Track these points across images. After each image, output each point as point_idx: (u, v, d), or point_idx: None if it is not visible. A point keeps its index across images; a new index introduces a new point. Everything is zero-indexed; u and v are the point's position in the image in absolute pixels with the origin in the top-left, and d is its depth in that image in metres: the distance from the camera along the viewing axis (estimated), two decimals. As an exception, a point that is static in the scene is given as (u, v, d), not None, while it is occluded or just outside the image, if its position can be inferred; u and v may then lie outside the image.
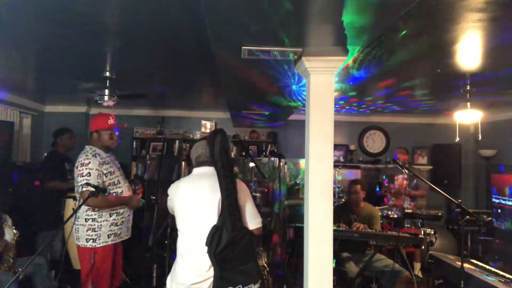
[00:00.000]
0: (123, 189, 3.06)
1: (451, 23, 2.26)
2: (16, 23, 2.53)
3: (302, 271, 2.75)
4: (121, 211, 3.03)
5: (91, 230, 2.91)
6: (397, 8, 1.79)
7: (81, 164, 2.90)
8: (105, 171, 2.95)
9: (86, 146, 3.06)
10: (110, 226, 2.96)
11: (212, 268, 2.15)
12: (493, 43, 2.64)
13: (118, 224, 3.01)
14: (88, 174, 2.85)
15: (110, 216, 2.97)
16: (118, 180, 3.04)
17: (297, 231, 4.49)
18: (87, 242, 2.90)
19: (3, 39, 2.90)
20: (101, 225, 2.92)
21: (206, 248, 2.13)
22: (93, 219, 2.92)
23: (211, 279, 2.15)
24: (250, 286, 2.14)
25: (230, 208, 2.14)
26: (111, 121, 3.09)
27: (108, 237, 2.95)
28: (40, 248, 3.25)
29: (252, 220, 2.27)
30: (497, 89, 4.21)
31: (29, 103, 5.88)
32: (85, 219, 2.91)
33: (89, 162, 2.89)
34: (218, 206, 2.20)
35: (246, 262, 2.17)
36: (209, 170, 2.34)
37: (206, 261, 2.14)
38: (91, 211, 2.91)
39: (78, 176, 2.88)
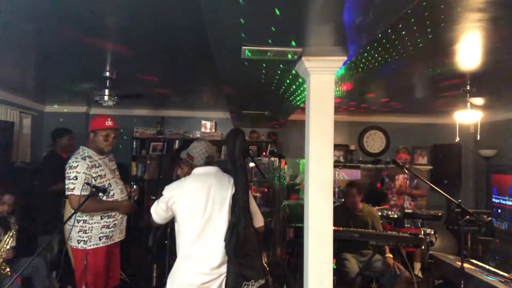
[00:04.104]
0: (114, 191, 3.01)
1: (451, 23, 2.26)
2: (16, 24, 2.53)
3: (302, 271, 2.74)
4: (113, 213, 3.00)
5: (82, 231, 2.89)
6: (397, 8, 1.79)
7: (70, 166, 2.88)
8: (94, 175, 2.90)
9: (80, 147, 3.04)
10: (101, 229, 2.93)
11: (223, 265, 2.20)
12: (493, 43, 2.64)
13: (110, 226, 2.98)
14: (74, 178, 2.82)
15: (102, 218, 2.94)
16: (109, 183, 2.99)
17: (297, 231, 4.49)
18: (78, 243, 2.89)
19: (3, 40, 2.90)
20: (92, 227, 2.90)
21: (216, 245, 2.19)
22: (84, 221, 2.90)
23: (222, 276, 2.20)
24: (259, 281, 2.22)
25: (245, 206, 2.21)
26: (108, 122, 3.04)
27: (100, 239, 2.93)
28: (39, 250, 3.24)
29: (258, 219, 2.39)
30: (497, 89, 4.21)
31: (29, 103, 5.88)
32: (77, 220, 2.88)
33: (77, 165, 2.86)
34: (229, 203, 2.25)
35: (256, 258, 2.25)
36: (213, 169, 2.40)
37: (217, 259, 2.19)
38: (82, 212, 2.89)
39: (66, 178, 2.86)
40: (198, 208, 2.23)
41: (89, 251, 2.87)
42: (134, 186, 3.34)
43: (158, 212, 2.32)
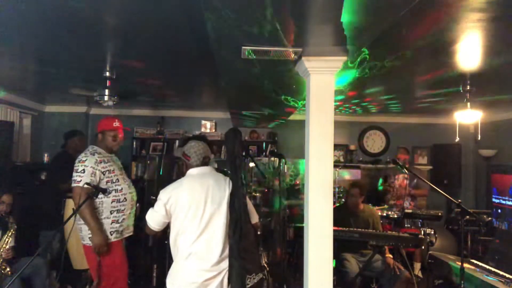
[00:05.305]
0: (122, 187, 3.06)
1: (451, 23, 2.26)
2: (17, 24, 2.53)
3: (302, 271, 2.75)
4: (122, 208, 3.03)
5: None
6: (397, 8, 1.79)
7: (78, 161, 2.97)
8: (102, 170, 2.96)
9: (90, 146, 3.15)
10: (111, 224, 2.97)
11: (223, 262, 2.24)
12: (493, 43, 2.64)
13: (119, 221, 3.01)
14: (82, 171, 2.89)
15: (111, 213, 2.97)
16: (117, 179, 3.05)
17: (297, 231, 4.49)
18: (90, 240, 2.90)
19: (4, 40, 2.90)
20: (102, 223, 2.93)
21: (216, 243, 2.24)
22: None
23: (223, 273, 2.24)
24: (259, 275, 2.29)
25: (244, 201, 2.30)
26: (116, 123, 3.17)
27: (111, 234, 2.96)
28: (39, 249, 3.24)
29: (253, 215, 2.46)
30: (497, 89, 4.21)
31: (29, 103, 5.88)
32: None
33: (86, 160, 2.94)
34: (227, 202, 2.31)
35: (255, 253, 2.33)
36: (208, 169, 2.44)
37: (216, 255, 2.23)
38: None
39: (74, 171, 2.93)
40: (197, 209, 2.25)
41: None
42: (137, 204, 3.36)
43: (155, 218, 2.32)
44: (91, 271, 2.99)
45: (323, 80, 2.60)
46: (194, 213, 2.24)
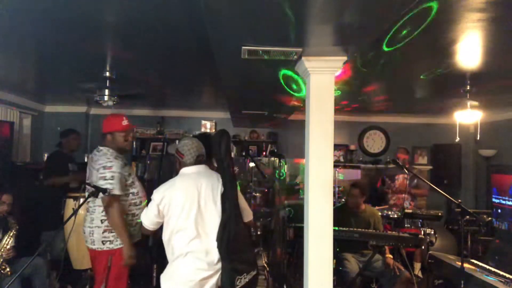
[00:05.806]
0: (138, 189, 2.98)
1: (451, 23, 2.26)
2: (17, 25, 2.53)
3: (302, 271, 2.75)
4: (137, 212, 2.94)
5: (108, 231, 2.79)
6: (397, 8, 1.79)
7: (103, 167, 2.76)
8: (125, 173, 2.85)
9: (103, 148, 2.91)
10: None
11: (221, 261, 2.24)
12: (493, 43, 2.64)
13: (133, 225, 2.93)
14: (111, 178, 2.73)
15: (126, 216, 2.87)
16: (132, 181, 2.95)
17: (297, 231, 4.49)
18: (104, 244, 2.78)
19: (4, 40, 2.90)
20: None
21: (213, 242, 2.23)
22: None
23: (220, 272, 2.25)
24: (251, 273, 2.29)
25: (235, 202, 2.30)
26: (125, 122, 2.98)
27: None
28: (39, 249, 3.23)
29: (247, 213, 2.48)
30: (497, 89, 4.20)
31: (29, 103, 5.88)
32: (101, 220, 2.79)
33: (112, 166, 2.76)
34: (220, 201, 2.31)
35: (248, 252, 2.33)
36: (202, 168, 2.44)
37: (215, 254, 2.24)
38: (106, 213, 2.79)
39: (100, 179, 2.74)
40: (191, 208, 2.26)
41: (116, 251, 2.78)
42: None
43: (149, 217, 2.34)
44: (98, 275, 2.84)
45: (323, 80, 2.60)
46: (188, 213, 2.25)
